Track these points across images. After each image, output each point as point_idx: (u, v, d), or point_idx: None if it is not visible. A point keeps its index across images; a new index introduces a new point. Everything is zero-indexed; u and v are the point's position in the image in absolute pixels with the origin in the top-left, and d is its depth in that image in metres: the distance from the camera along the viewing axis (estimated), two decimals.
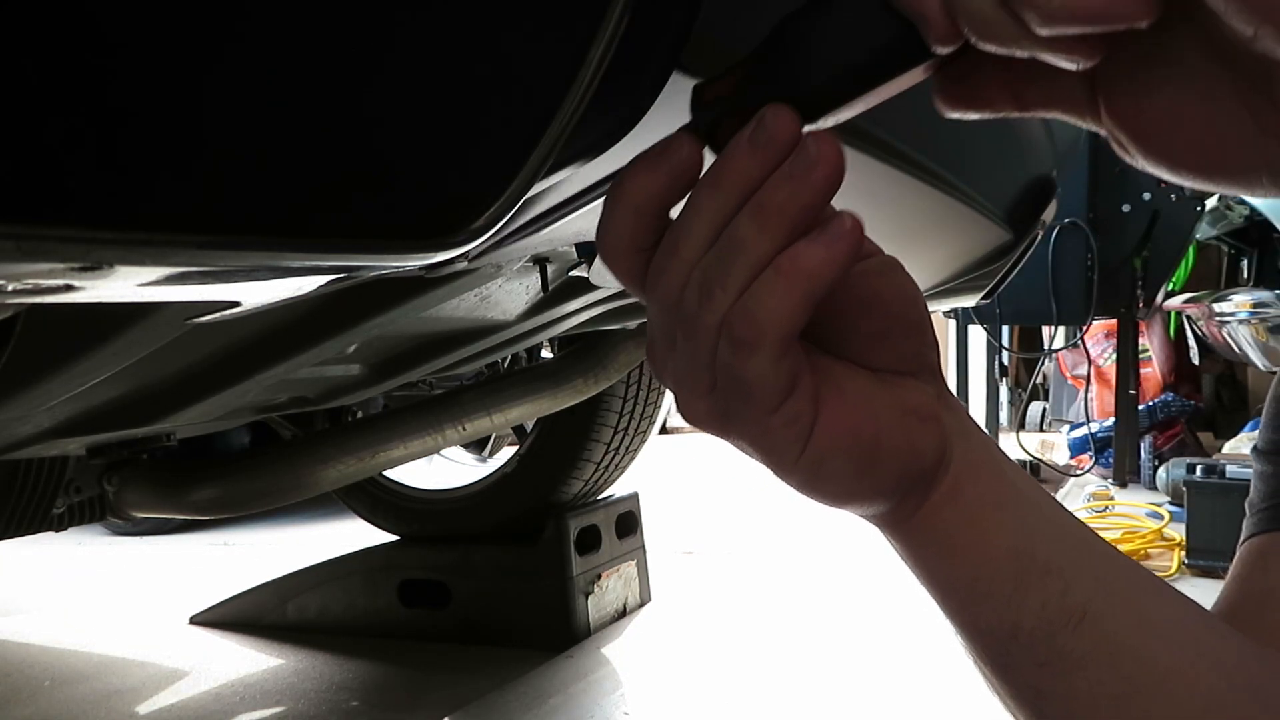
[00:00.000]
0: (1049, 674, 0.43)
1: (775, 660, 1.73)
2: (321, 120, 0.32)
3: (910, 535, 0.43)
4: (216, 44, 0.29)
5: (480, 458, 2.42)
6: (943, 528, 0.43)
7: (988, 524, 0.43)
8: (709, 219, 0.36)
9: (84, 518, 1.37)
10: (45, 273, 0.29)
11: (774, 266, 0.35)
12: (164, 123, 0.29)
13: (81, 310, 0.60)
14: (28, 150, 0.26)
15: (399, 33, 0.33)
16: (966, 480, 0.43)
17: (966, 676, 0.49)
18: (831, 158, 0.35)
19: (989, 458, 0.44)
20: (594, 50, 0.35)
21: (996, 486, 0.43)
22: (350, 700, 1.66)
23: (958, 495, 0.42)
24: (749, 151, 0.35)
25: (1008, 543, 0.43)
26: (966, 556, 0.43)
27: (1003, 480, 0.44)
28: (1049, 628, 0.42)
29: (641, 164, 0.37)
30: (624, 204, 0.37)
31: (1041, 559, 0.42)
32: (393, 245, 0.36)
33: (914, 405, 0.42)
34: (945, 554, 0.43)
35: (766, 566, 2.46)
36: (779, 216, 0.35)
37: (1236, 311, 3.14)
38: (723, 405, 0.38)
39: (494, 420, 1.44)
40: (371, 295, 0.79)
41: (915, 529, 0.43)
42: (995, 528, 0.43)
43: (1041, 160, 1.14)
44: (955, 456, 0.42)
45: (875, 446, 0.40)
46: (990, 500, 0.43)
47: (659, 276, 0.38)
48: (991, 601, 0.42)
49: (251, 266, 0.33)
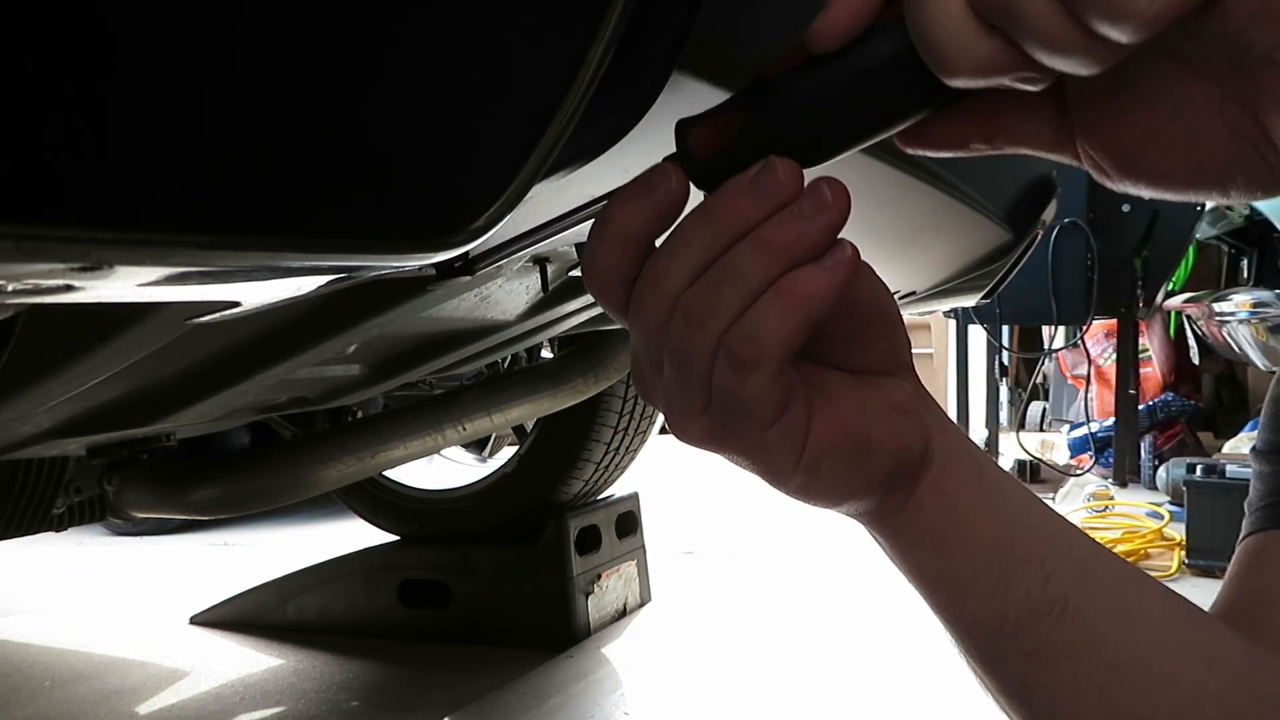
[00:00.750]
0: (1034, 665, 0.44)
1: (775, 660, 1.73)
2: (321, 120, 0.32)
3: (898, 530, 0.44)
4: (216, 44, 0.29)
5: (480, 458, 2.42)
6: (927, 520, 0.44)
7: (970, 515, 0.44)
8: (699, 253, 0.37)
9: (84, 518, 1.37)
10: (45, 273, 0.29)
11: (775, 290, 0.36)
12: (164, 123, 0.29)
13: (81, 310, 0.60)
14: (28, 150, 0.26)
15: (399, 32, 0.33)
16: (947, 473, 0.44)
17: (961, 676, 0.49)
18: (842, 203, 0.36)
19: (966, 450, 0.45)
20: (594, 50, 0.35)
21: (976, 478, 0.45)
22: (350, 700, 1.66)
23: (940, 487, 0.44)
24: (751, 196, 0.36)
25: (990, 534, 0.44)
26: (952, 548, 0.44)
27: (981, 472, 0.45)
28: (1033, 618, 0.43)
29: (629, 195, 0.38)
30: (612, 234, 0.38)
31: (1022, 549, 0.44)
32: (393, 245, 0.36)
33: (896, 402, 0.43)
34: (931, 546, 0.44)
35: (766, 566, 2.46)
36: (784, 252, 0.36)
37: (1236, 311, 3.14)
38: (719, 423, 0.39)
39: (494, 420, 1.44)
40: (371, 295, 0.79)
41: (903, 524, 0.44)
42: (978, 518, 0.44)
43: (1041, 160, 1.14)
44: (936, 449, 0.44)
45: (865, 445, 0.41)
46: (971, 491, 0.44)
47: (642, 305, 0.38)
48: (977, 593, 0.44)
49: (251, 266, 0.33)
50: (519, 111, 0.36)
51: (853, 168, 0.68)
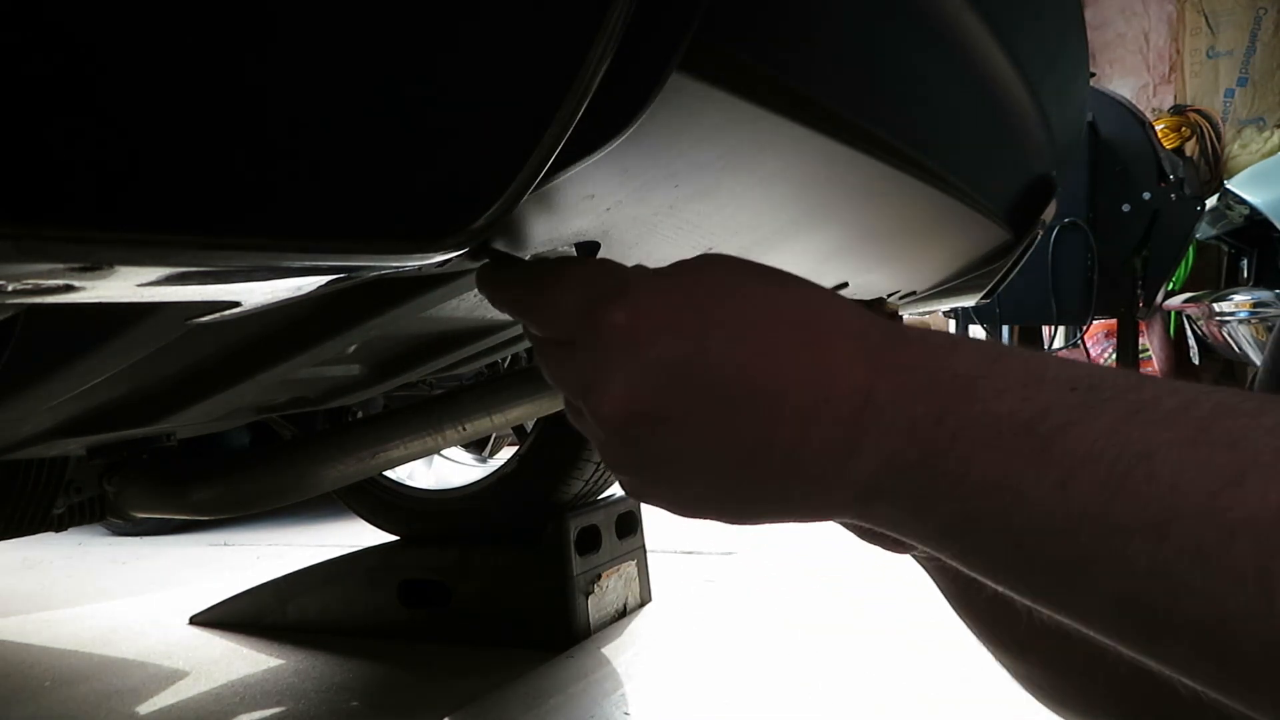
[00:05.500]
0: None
1: (775, 660, 1.73)
2: (321, 120, 0.32)
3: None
4: (216, 45, 0.29)
5: (480, 458, 2.41)
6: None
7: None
8: None
9: (84, 518, 1.37)
10: (45, 273, 0.29)
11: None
12: (164, 123, 0.29)
13: (81, 310, 0.60)
14: (28, 150, 0.26)
15: (399, 33, 0.33)
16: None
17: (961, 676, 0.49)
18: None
19: None
20: (594, 50, 0.35)
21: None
22: (350, 700, 1.66)
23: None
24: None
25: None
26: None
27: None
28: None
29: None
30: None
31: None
32: (393, 245, 0.36)
33: None
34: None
35: (766, 566, 2.46)
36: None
37: (1236, 311, 3.14)
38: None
39: (494, 420, 1.44)
40: (371, 295, 0.79)
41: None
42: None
43: (1041, 160, 1.14)
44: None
45: None
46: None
47: None
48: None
49: (251, 266, 0.33)
50: (519, 111, 0.36)
51: (853, 167, 0.68)
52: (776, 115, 0.52)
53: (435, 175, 0.36)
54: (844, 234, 0.86)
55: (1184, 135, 5.57)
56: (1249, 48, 5.72)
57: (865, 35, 0.61)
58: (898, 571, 2.32)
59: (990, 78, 0.84)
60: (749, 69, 0.48)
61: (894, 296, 1.18)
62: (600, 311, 0.41)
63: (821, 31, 0.56)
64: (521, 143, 0.36)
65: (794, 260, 0.83)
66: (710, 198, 0.59)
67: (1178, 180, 3.39)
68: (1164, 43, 5.95)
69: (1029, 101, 0.96)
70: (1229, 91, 5.77)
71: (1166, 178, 3.35)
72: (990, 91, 0.86)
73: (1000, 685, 0.65)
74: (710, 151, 0.53)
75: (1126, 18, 6.00)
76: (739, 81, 0.48)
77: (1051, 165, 1.18)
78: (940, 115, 0.79)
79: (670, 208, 0.58)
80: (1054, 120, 1.08)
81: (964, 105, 0.84)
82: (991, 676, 0.62)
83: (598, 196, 0.51)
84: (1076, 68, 1.16)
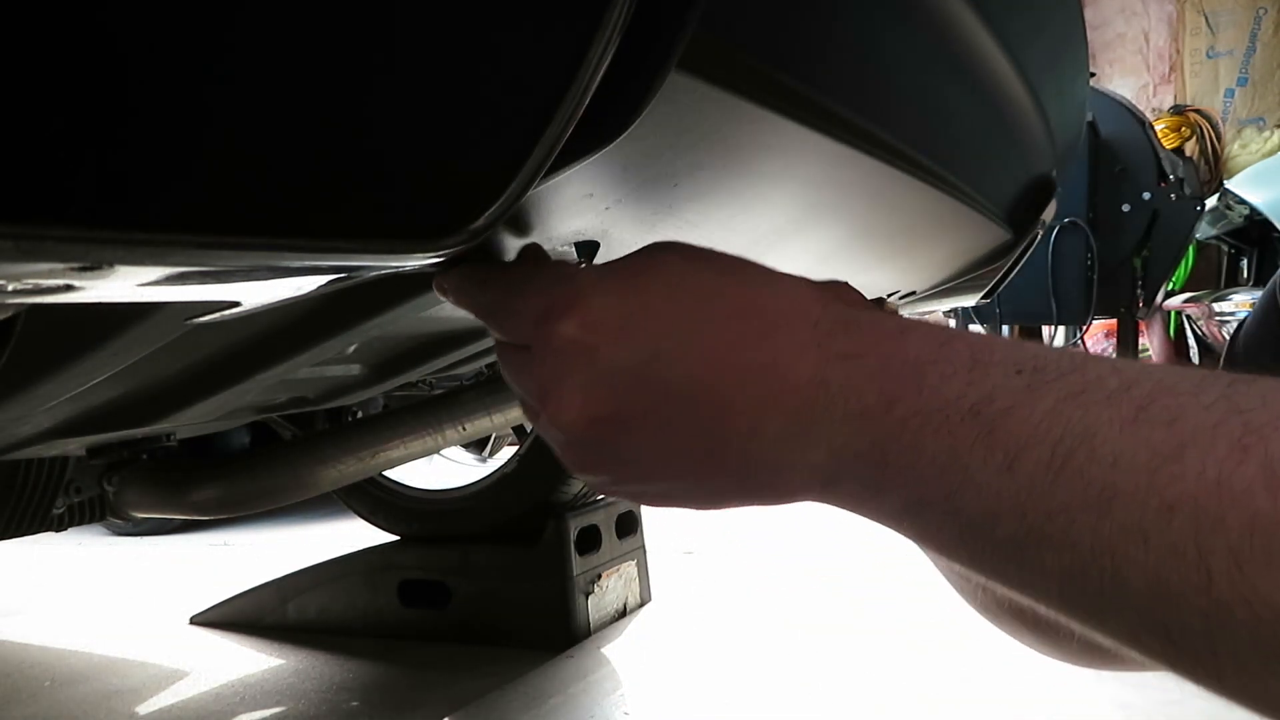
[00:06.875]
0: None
1: (775, 660, 1.73)
2: (322, 120, 0.32)
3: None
4: (216, 44, 0.29)
5: (480, 458, 2.41)
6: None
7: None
8: None
9: (84, 518, 1.37)
10: (45, 273, 0.29)
11: None
12: (164, 123, 0.29)
13: (81, 310, 0.60)
14: (28, 150, 0.26)
15: (399, 32, 0.33)
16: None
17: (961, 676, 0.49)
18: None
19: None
20: (594, 50, 0.35)
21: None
22: (350, 700, 1.66)
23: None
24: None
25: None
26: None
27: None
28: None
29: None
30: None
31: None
32: (393, 245, 0.36)
33: None
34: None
35: (766, 566, 2.46)
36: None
37: (1236, 311, 3.14)
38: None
39: (494, 420, 1.44)
40: (371, 295, 0.79)
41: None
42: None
43: (1041, 160, 1.14)
44: None
45: None
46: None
47: None
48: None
49: (251, 266, 0.33)
50: (519, 111, 0.36)
51: (853, 167, 0.68)
52: (776, 115, 0.52)
53: (435, 175, 0.36)
54: (844, 234, 0.86)
55: (1184, 135, 5.58)
56: (1249, 48, 5.73)
57: (865, 35, 0.61)
58: (898, 571, 2.32)
59: (990, 77, 0.84)
60: (749, 69, 0.48)
61: (894, 296, 1.18)
62: (553, 322, 0.42)
63: (821, 31, 0.56)
64: (522, 141, 0.36)
65: (794, 260, 0.83)
66: (710, 197, 0.60)
67: (1178, 180, 3.39)
68: (1164, 43, 5.95)
69: (1029, 101, 0.96)
70: (1229, 91, 5.77)
71: (1166, 178, 3.35)
72: (990, 91, 0.86)
73: (1000, 685, 0.65)
74: (710, 151, 0.53)
75: (1126, 18, 6.00)
76: (739, 81, 0.48)
77: (1051, 165, 1.18)
78: (940, 115, 0.79)
79: (670, 208, 0.58)
80: (1054, 120, 1.08)
81: (964, 105, 0.84)
82: (992, 676, 0.62)
83: (597, 195, 0.51)
84: (1076, 68, 1.16)
